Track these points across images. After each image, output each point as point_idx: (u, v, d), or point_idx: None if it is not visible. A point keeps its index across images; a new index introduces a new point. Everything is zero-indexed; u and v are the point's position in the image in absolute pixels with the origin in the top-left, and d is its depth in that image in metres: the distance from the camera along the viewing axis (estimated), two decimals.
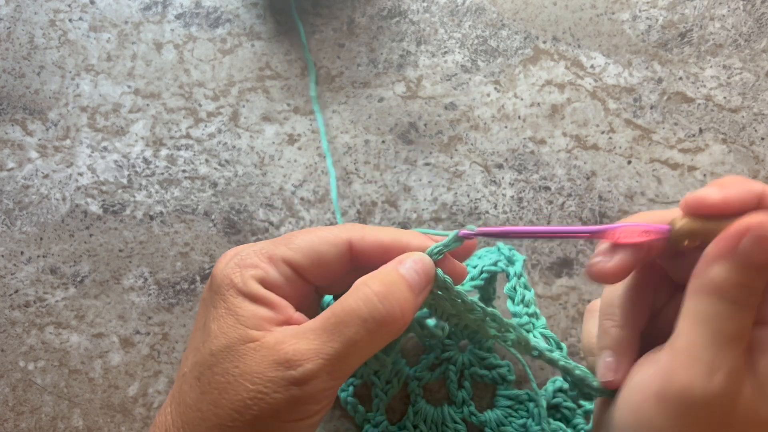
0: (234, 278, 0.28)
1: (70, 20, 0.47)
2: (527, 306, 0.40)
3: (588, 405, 0.40)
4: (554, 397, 0.41)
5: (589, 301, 0.43)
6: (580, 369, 0.31)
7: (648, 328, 0.30)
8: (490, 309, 0.31)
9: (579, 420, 0.40)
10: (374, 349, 0.27)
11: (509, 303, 0.40)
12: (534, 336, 0.38)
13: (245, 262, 0.28)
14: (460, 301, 0.31)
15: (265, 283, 0.28)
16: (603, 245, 0.28)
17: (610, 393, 0.29)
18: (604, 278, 0.28)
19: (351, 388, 0.41)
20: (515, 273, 0.40)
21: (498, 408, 0.41)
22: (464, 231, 0.30)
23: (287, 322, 0.28)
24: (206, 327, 0.28)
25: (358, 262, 0.30)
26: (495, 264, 0.40)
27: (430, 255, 0.30)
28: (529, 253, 0.44)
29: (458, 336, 0.42)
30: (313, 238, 0.29)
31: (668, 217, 0.27)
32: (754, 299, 0.25)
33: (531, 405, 0.41)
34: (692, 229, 0.26)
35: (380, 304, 0.26)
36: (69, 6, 0.47)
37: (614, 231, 0.27)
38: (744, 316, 0.25)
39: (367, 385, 0.41)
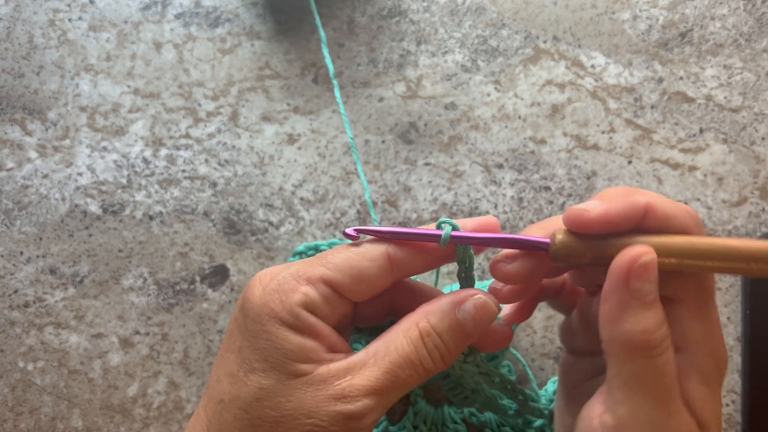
0: (275, 307, 0.26)
1: (69, 20, 0.47)
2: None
3: None
4: (554, 397, 0.41)
5: None
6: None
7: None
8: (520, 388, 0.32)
9: None
10: (417, 386, 0.27)
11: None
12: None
13: (284, 287, 0.27)
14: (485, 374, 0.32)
15: (307, 308, 0.27)
16: (506, 250, 0.28)
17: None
18: (507, 280, 0.28)
19: None
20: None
21: None
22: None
23: (331, 350, 0.27)
24: (246, 357, 0.27)
25: (399, 273, 0.29)
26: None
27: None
28: None
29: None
30: (350, 254, 0.28)
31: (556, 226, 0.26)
32: (668, 332, 0.24)
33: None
34: (570, 247, 0.25)
35: (431, 355, 0.26)
36: (68, 6, 0.47)
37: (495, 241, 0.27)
38: (671, 358, 0.24)
39: None
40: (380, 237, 0.28)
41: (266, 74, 0.46)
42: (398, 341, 0.27)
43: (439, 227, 0.28)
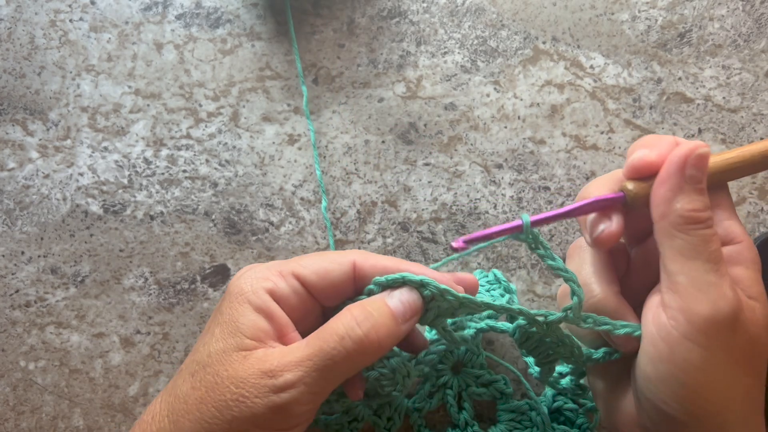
0: (244, 287, 0.30)
1: (70, 20, 0.47)
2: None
3: (590, 403, 0.40)
4: (554, 402, 0.41)
5: None
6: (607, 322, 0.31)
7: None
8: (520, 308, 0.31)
9: (582, 419, 0.40)
10: (352, 368, 0.29)
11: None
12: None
13: (257, 275, 0.31)
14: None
15: (273, 295, 0.30)
16: (591, 218, 0.30)
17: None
18: (612, 240, 0.30)
19: None
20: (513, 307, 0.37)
21: (501, 423, 0.41)
22: (458, 241, 0.29)
23: (282, 338, 0.30)
24: (210, 329, 0.31)
25: (362, 283, 0.32)
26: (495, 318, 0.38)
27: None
28: (528, 254, 0.44)
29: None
30: (320, 258, 0.32)
31: (613, 182, 0.31)
32: (712, 216, 0.28)
33: (533, 414, 0.40)
34: (644, 189, 0.29)
35: (358, 327, 0.29)
36: (69, 6, 0.47)
37: (584, 208, 0.30)
38: (715, 233, 0.28)
39: (371, 427, 0.41)
40: (477, 240, 0.29)
41: (267, 75, 0.46)
42: (329, 323, 0.29)
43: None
